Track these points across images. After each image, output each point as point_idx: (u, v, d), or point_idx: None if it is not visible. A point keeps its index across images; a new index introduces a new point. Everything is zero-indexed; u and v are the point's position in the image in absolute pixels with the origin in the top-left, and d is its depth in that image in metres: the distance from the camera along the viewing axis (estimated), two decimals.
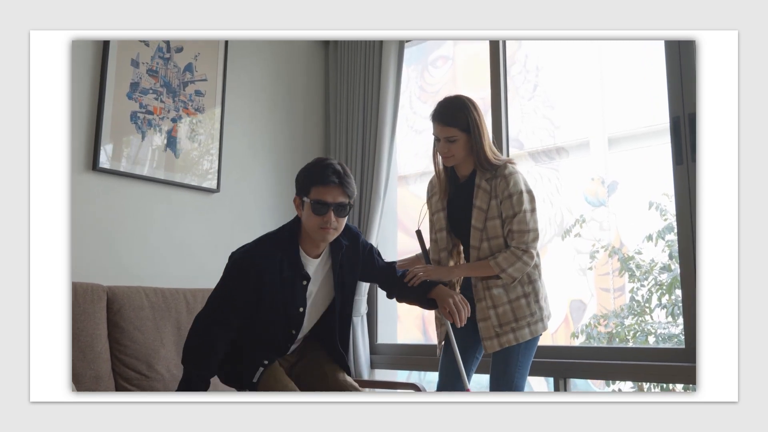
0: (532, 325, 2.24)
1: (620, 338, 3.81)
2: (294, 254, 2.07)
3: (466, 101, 2.30)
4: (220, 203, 3.26)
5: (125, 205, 2.91)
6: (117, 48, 2.89)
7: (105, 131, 2.82)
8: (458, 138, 2.25)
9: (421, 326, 6.34)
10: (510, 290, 2.25)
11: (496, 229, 2.25)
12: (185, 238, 3.11)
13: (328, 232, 2.02)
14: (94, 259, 2.78)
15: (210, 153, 3.20)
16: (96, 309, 2.56)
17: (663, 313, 3.69)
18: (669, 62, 2.65)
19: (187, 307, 2.82)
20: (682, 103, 2.59)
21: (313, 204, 2.00)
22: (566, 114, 6.44)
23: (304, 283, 2.08)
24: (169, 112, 3.06)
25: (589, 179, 6.29)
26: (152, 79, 3.01)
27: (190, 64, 3.16)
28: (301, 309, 2.09)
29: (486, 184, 2.27)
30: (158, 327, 2.69)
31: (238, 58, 3.42)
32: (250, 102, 3.47)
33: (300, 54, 3.76)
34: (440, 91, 6.76)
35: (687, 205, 2.54)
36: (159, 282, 2.93)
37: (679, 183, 2.57)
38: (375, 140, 3.38)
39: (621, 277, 4.29)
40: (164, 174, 3.02)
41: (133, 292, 2.70)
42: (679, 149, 2.57)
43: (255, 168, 3.44)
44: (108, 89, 2.84)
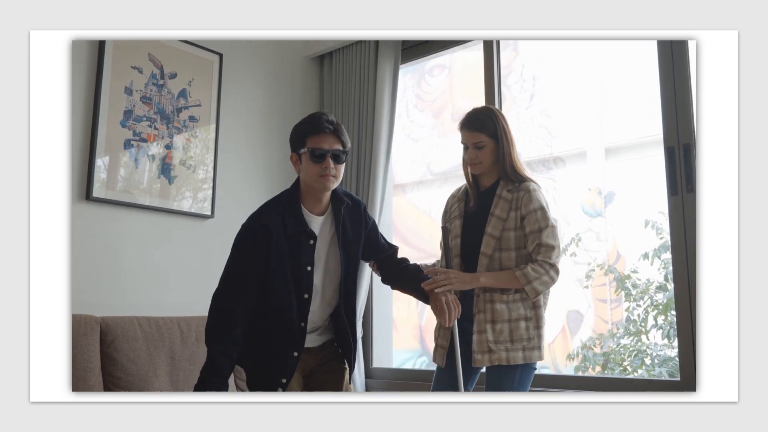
0: (527, 350, 2.20)
1: (616, 361, 3.81)
2: (297, 210, 2.07)
3: (494, 110, 2.36)
4: (214, 229, 3.25)
5: (119, 234, 2.90)
6: (111, 76, 2.88)
7: (98, 160, 2.81)
8: (486, 144, 2.28)
9: (418, 335, 6.34)
10: (512, 309, 2.22)
11: (510, 241, 2.23)
12: (179, 265, 3.11)
13: (327, 179, 2.03)
14: (87, 290, 2.77)
15: (204, 178, 3.19)
16: (89, 341, 2.56)
17: (659, 333, 3.69)
18: (663, 93, 2.65)
19: (181, 336, 2.82)
20: (677, 134, 2.59)
21: (310, 153, 2.03)
22: (563, 123, 6.43)
23: (311, 242, 2.06)
24: (163, 138, 3.05)
25: (586, 189, 6.29)
26: (146, 106, 3.00)
27: (184, 90, 3.15)
28: (309, 268, 2.05)
29: (508, 194, 2.27)
30: (152, 358, 2.69)
31: (232, 82, 3.41)
32: (244, 126, 3.46)
33: (294, 73, 3.74)
34: (437, 99, 6.76)
35: (682, 236, 2.54)
36: (153, 310, 2.93)
37: (674, 213, 2.57)
38: (371, 155, 3.38)
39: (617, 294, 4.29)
40: (158, 201, 3.01)
41: (126, 322, 2.70)
42: (674, 179, 2.57)
43: (249, 192, 3.43)
44: (101, 117, 2.83)
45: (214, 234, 3.24)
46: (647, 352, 3.70)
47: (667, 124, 2.62)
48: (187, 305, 3.07)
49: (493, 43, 3.25)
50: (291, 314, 2.04)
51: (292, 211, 2.06)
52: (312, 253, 2.06)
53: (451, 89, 6.86)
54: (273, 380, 2.01)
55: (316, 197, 2.09)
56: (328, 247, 2.11)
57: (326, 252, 2.11)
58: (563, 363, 5.16)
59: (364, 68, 3.50)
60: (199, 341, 2.85)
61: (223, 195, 3.29)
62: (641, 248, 4.19)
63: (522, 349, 2.19)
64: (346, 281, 2.14)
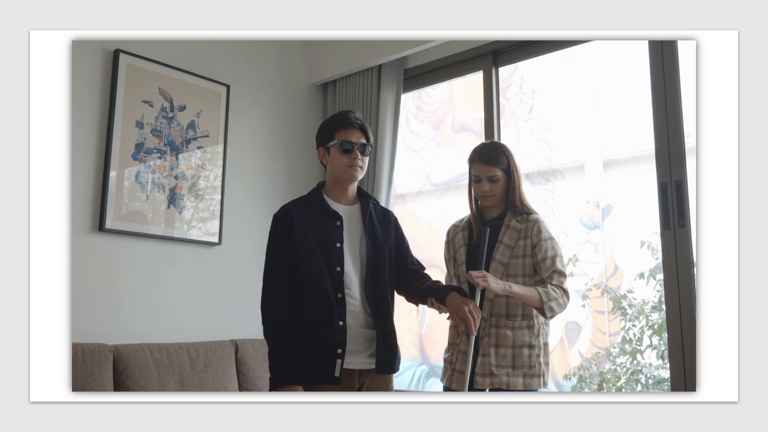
0: (527, 377, 2.25)
1: (612, 382, 3.90)
2: (320, 199, 2.18)
3: (504, 146, 2.46)
4: (221, 255, 3.35)
5: (130, 264, 3.00)
6: (122, 111, 2.97)
7: (110, 192, 2.91)
8: (500, 178, 2.37)
9: (418, 344, 6.43)
10: (517, 336, 2.28)
11: (517, 268, 2.32)
12: (188, 291, 3.21)
13: (355, 169, 2.14)
14: (100, 319, 2.88)
15: (212, 207, 3.29)
16: (103, 370, 2.66)
17: (654, 354, 3.79)
18: (657, 133, 2.74)
19: (190, 361, 2.92)
20: (669, 171, 2.68)
21: (340, 145, 2.14)
22: (562, 136, 6.51)
23: (338, 223, 2.14)
24: (173, 169, 3.15)
25: (585, 202, 6.37)
26: (156, 139, 3.10)
27: (193, 122, 3.24)
28: (339, 245, 2.11)
29: (516, 224, 2.36)
30: (162, 384, 2.79)
31: (238, 112, 3.50)
32: (251, 153, 3.56)
33: (299, 102, 3.84)
34: (437, 110, 6.84)
35: (674, 270, 2.63)
36: (163, 337, 3.03)
37: (667, 247, 2.67)
38: (373, 185, 3.47)
39: (613, 313, 4.38)
40: (167, 230, 3.11)
41: (137, 350, 2.80)
42: (667, 215, 2.67)
43: (255, 219, 3.53)
44: (113, 151, 2.93)
45: (220, 260, 3.34)
46: (642, 371, 3.80)
47: (660, 161, 2.71)
48: (196, 331, 3.17)
49: (492, 70, 3.34)
50: (326, 286, 2.06)
51: (315, 200, 2.17)
52: (340, 232, 2.13)
53: (451, 101, 6.94)
54: (327, 356, 2.02)
55: (343, 188, 2.19)
56: (360, 233, 2.17)
57: (358, 236, 2.16)
58: (561, 374, 5.26)
59: (366, 96, 3.59)
60: (208, 367, 2.96)
61: (229, 222, 3.39)
62: (637, 266, 4.28)
63: (523, 375, 2.24)
64: (373, 266, 2.13)
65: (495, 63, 3.35)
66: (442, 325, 2.26)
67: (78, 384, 2.56)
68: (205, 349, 3.02)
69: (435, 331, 5.52)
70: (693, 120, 2.33)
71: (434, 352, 5.62)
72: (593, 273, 5.23)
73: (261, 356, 3.19)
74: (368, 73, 3.60)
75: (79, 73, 2.88)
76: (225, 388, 2.99)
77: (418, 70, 3.59)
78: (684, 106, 2.71)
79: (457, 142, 6.21)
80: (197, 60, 3.34)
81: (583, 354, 4.73)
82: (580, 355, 4.76)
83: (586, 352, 4.63)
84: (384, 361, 2.12)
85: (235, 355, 3.13)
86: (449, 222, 2.63)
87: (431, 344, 5.71)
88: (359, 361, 2.10)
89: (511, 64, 3.42)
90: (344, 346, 2.05)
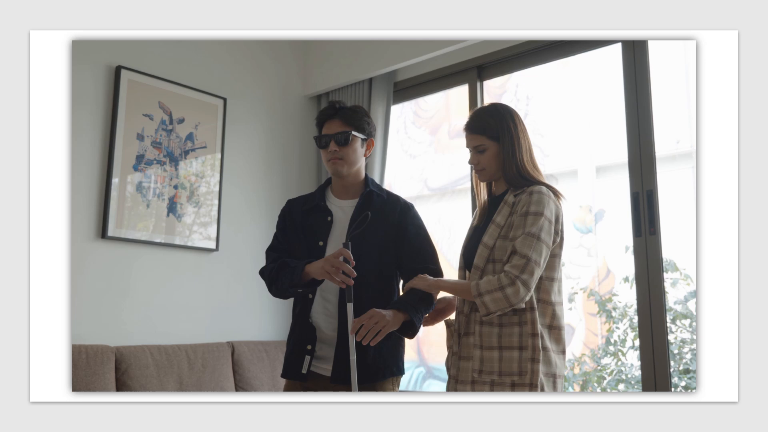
0: (517, 385, 1.81)
1: (595, 381, 4.04)
2: (321, 192, 2.17)
3: (500, 109, 2.02)
4: (218, 261, 3.50)
5: (131, 269, 3.16)
6: (124, 123, 3.13)
7: (112, 202, 3.07)
8: (487, 147, 1.97)
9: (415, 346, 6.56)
10: (504, 334, 1.86)
11: (503, 251, 1.88)
12: (187, 296, 3.36)
13: (335, 162, 2.07)
14: (102, 322, 3.03)
15: (210, 214, 3.45)
16: (105, 370, 2.82)
17: (636, 354, 3.92)
18: (630, 143, 2.89)
19: (189, 362, 3.07)
20: (641, 181, 2.83)
21: (315, 142, 2.11)
22: (556, 142, 6.62)
23: (328, 218, 2.10)
24: (172, 179, 3.31)
25: (578, 207, 6.49)
26: (156, 150, 3.26)
27: (191, 134, 3.40)
28: (321, 243, 2.07)
29: (513, 198, 1.94)
30: (162, 384, 2.94)
31: (235, 123, 3.66)
32: (247, 163, 3.71)
33: (293, 113, 3.99)
34: (434, 116, 6.97)
35: (645, 274, 2.77)
36: (163, 339, 3.19)
37: (639, 252, 2.81)
38: None
39: (599, 317, 4.52)
40: (167, 238, 3.27)
41: (138, 351, 2.96)
42: (638, 223, 2.81)
43: (251, 226, 3.68)
44: (115, 162, 3.09)
45: (217, 266, 3.50)
46: (623, 372, 3.93)
47: (633, 171, 2.86)
48: (194, 333, 3.33)
49: (477, 84, 3.48)
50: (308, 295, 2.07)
51: (315, 194, 2.18)
52: (327, 229, 2.08)
53: (448, 107, 7.08)
54: (297, 352, 2.04)
55: (340, 183, 2.14)
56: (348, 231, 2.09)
57: (346, 235, 2.06)
58: None
59: (357, 100, 3.74)
60: (205, 367, 3.11)
61: (226, 229, 3.55)
62: (624, 270, 4.41)
63: (511, 384, 1.82)
64: (360, 266, 1.95)
65: (480, 77, 3.49)
66: (438, 327, 2.17)
67: (81, 383, 2.71)
68: (203, 350, 3.17)
69: (432, 334, 5.65)
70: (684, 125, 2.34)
71: (431, 355, 5.73)
72: (586, 276, 5.36)
73: (256, 357, 3.35)
74: (360, 86, 3.75)
75: (82, 88, 3.04)
76: (222, 388, 3.15)
77: (407, 83, 3.74)
78: (654, 116, 2.85)
79: (454, 147, 6.32)
80: (195, 74, 3.50)
81: (575, 356, 4.86)
82: (573, 356, 4.90)
83: (579, 354, 4.76)
84: (342, 370, 1.96)
85: (231, 357, 3.29)
86: (446, 227, 2.62)
87: (428, 346, 5.83)
88: (329, 367, 2.01)
89: (496, 77, 3.56)
90: (314, 344, 2.02)
